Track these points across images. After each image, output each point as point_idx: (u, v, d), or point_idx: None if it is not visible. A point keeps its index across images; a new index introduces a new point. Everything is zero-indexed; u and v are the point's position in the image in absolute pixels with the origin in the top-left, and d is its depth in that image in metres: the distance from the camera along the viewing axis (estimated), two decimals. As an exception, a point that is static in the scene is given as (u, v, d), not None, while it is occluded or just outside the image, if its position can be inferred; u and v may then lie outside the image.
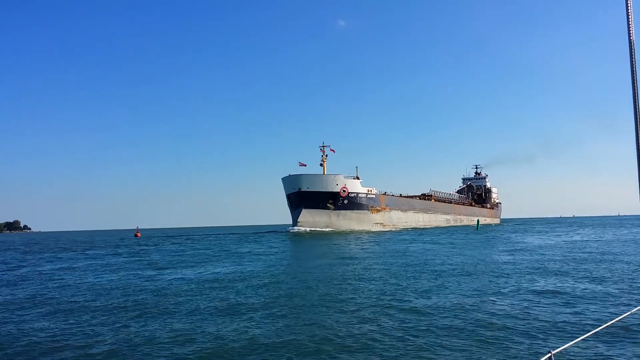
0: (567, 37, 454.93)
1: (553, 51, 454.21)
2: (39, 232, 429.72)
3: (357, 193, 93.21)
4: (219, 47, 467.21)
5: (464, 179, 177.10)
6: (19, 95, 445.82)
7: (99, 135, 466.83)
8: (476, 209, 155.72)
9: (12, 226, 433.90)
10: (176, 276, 25.95)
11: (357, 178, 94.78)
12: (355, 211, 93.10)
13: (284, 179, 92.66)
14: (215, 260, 36.12)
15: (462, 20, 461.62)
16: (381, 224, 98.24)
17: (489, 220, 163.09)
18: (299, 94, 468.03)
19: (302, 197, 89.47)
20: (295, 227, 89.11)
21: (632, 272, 23.54)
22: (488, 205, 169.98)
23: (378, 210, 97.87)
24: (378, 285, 20.60)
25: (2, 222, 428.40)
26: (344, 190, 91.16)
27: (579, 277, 21.76)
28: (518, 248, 42.69)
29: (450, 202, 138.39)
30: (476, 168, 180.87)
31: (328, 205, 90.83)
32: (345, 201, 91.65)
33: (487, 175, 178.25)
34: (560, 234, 72.58)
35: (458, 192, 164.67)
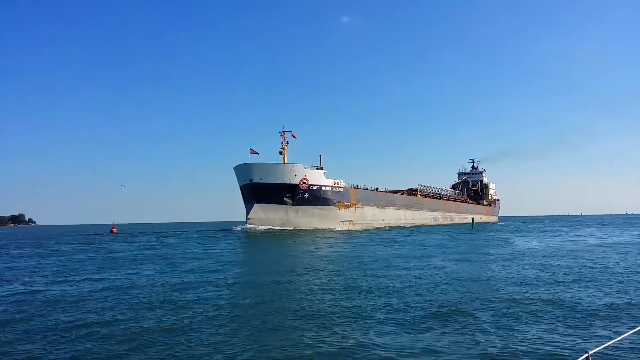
0: (581, 35, 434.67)
1: (565, 49, 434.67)
2: (44, 226, 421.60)
3: (320, 186, 78.04)
4: (216, 43, 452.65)
5: (459, 174, 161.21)
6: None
7: (102, 130, 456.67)
8: (470, 206, 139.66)
9: (17, 219, 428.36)
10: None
11: (321, 168, 79.58)
12: (318, 207, 77.94)
13: (236, 169, 77.77)
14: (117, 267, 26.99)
15: (466, 17, 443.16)
16: (351, 221, 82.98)
17: (484, 218, 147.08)
18: (292, 86, 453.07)
19: (254, 190, 74.58)
20: (246, 225, 74.43)
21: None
22: (484, 202, 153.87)
23: (347, 206, 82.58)
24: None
25: (7, 215, 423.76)
26: (304, 182, 76.06)
27: (605, 280, 18.87)
28: (525, 252, 33.08)
29: (439, 198, 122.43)
30: (473, 162, 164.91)
31: (285, 199, 75.82)
32: (306, 195, 76.57)
33: (484, 170, 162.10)
34: (574, 233, 58.24)
35: (453, 187, 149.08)
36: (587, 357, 5.11)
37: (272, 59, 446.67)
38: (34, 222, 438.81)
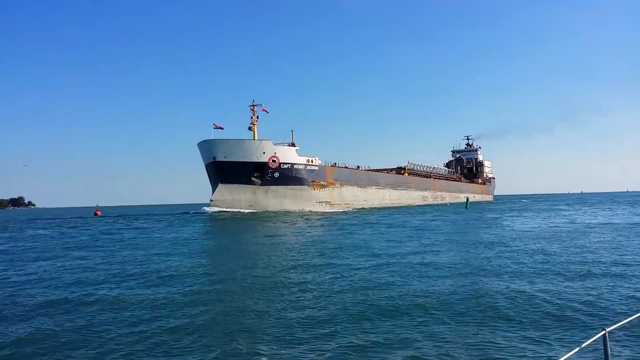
0: (590, 7, 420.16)
1: (572, 21, 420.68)
2: (43, 209, 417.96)
3: (292, 164, 70.52)
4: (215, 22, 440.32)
5: (453, 152, 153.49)
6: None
7: (106, 121, 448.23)
8: (463, 185, 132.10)
9: (17, 202, 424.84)
10: None
11: (293, 145, 71.93)
12: (290, 187, 70.55)
13: (200, 146, 70.12)
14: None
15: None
16: (327, 202, 75.65)
17: (478, 197, 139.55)
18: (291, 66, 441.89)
19: (218, 169, 67.21)
20: (208, 208, 67.20)
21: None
22: (479, 181, 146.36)
23: (323, 186, 75.14)
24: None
25: (7, 198, 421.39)
26: (274, 160, 68.54)
27: (617, 258, 18.08)
28: (521, 234, 30.43)
29: (429, 177, 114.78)
30: (467, 139, 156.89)
31: (253, 179, 68.44)
32: (276, 174, 69.12)
33: (479, 147, 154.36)
34: (575, 213, 51.32)
35: (446, 165, 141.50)
36: (604, 334, 4.92)
37: (262, 36, 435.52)
38: (34, 205, 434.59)
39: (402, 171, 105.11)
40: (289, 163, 70.00)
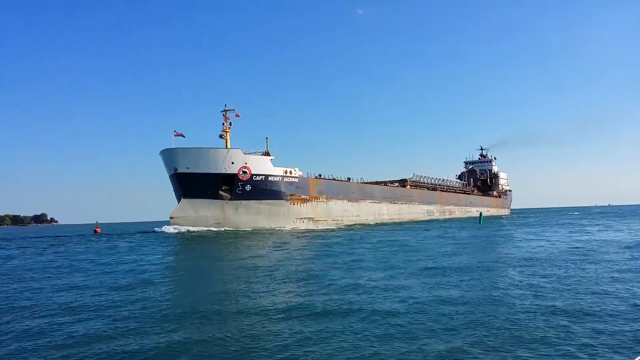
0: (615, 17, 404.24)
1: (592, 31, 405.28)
2: (65, 225, 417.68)
3: (267, 175, 61.10)
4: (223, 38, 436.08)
5: (466, 163, 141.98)
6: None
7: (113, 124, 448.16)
8: (475, 198, 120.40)
9: (39, 219, 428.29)
10: None
11: (267, 154, 62.62)
12: (264, 201, 61.06)
13: (162, 155, 61.26)
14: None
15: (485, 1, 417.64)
16: (310, 219, 65.84)
17: (493, 211, 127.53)
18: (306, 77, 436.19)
19: (180, 182, 58.33)
20: (162, 227, 57.77)
21: None
22: (494, 194, 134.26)
23: (304, 200, 65.36)
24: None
25: (30, 215, 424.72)
26: (245, 171, 59.27)
27: None
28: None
29: (436, 189, 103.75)
30: (481, 150, 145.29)
31: (221, 193, 59.29)
32: (248, 187, 59.75)
33: (494, 158, 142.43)
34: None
35: (458, 177, 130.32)
36: None
37: (275, 48, 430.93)
38: (56, 222, 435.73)
39: (405, 183, 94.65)
40: (263, 174, 60.63)
